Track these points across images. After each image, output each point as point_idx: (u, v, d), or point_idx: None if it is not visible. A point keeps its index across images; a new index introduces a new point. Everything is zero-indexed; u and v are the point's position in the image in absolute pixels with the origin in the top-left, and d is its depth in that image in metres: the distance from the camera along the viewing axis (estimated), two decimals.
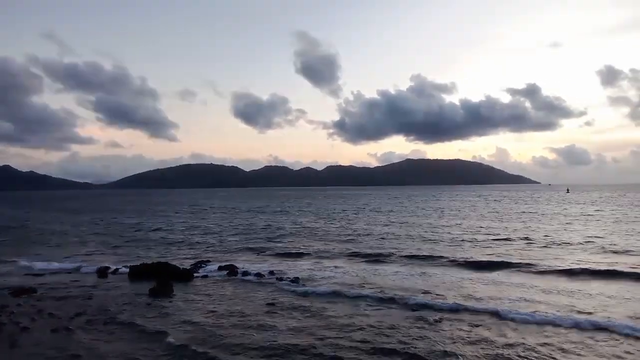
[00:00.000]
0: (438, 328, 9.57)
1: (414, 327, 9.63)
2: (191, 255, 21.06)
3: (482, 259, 17.71)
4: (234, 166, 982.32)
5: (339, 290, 13.01)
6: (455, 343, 8.63)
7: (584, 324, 9.49)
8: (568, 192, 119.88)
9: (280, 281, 14.58)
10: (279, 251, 21.66)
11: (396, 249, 21.04)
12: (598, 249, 20.03)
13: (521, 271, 15.65)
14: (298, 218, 43.25)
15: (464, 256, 18.56)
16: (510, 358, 7.88)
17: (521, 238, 24.21)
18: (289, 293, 13.05)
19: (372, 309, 11.17)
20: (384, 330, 9.47)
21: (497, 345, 8.49)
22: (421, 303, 11.43)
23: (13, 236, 30.53)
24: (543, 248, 20.77)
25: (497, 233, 26.98)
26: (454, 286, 13.45)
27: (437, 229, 29.95)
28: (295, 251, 21.46)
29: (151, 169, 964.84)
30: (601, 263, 16.60)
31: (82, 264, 18.35)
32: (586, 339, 8.73)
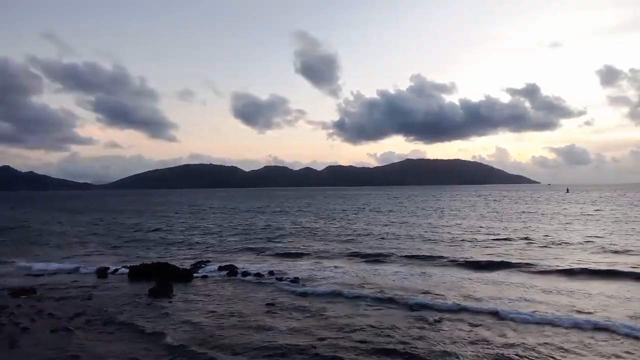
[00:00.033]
0: (438, 328, 9.57)
1: (414, 327, 9.63)
2: (191, 255, 21.03)
3: (482, 259, 17.69)
4: (234, 166, 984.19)
5: (339, 290, 13.00)
6: (455, 343, 8.63)
7: (584, 324, 9.48)
8: (568, 192, 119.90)
9: (280, 281, 14.57)
10: (279, 251, 21.62)
11: (396, 249, 21.02)
12: (598, 249, 20.02)
13: (521, 271, 15.64)
14: (298, 218, 43.22)
15: (464, 256, 18.55)
16: (510, 358, 7.88)
17: (521, 238, 24.20)
18: (289, 293, 13.04)
19: (372, 309, 11.17)
20: (384, 330, 9.46)
21: (497, 345, 8.48)
22: (421, 303, 11.43)
23: (12, 237, 30.46)
24: (543, 248, 20.76)
25: (497, 233, 26.97)
26: (454, 286, 13.44)
27: (437, 229, 29.94)
28: (295, 251, 21.42)
29: (150, 169, 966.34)
30: (601, 263, 16.60)
31: (82, 265, 18.31)
32: (586, 339, 8.73)
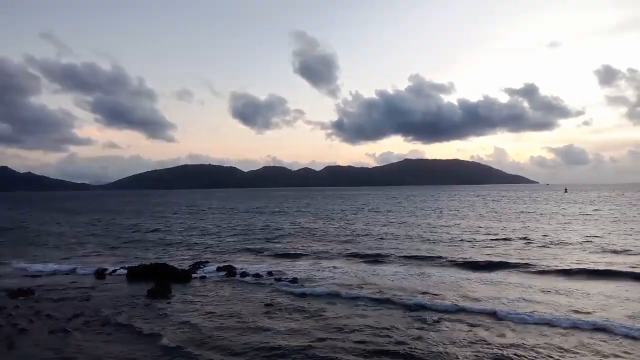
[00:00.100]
0: (437, 329, 9.57)
1: (413, 328, 9.63)
2: (189, 256, 21.01)
3: (481, 259, 17.70)
4: (232, 167, 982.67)
5: (338, 291, 12.99)
6: (453, 344, 8.63)
7: (583, 324, 9.50)
8: (566, 192, 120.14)
9: (278, 282, 14.55)
10: (278, 252, 21.60)
11: (395, 250, 21.02)
12: (596, 249, 20.04)
13: (520, 271, 15.65)
14: (296, 218, 43.21)
15: (463, 256, 18.55)
16: (509, 358, 7.88)
17: (520, 238, 24.22)
18: (287, 294, 13.02)
19: (371, 310, 11.17)
20: (383, 331, 9.46)
21: (496, 345, 8.49)
22: (420, 303, 11.43)
23: (10, 237, 30.40)
24: (541, 248, 20.78)
25: (496, 233, 26.99)
26: (453, 286, 13.44)
27: (436, 229, 29.95)
28: (293, 252, 21.40)
29: (149, 170, 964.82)
30: (599, 263, 16.63)
31: (80, 266, 18.28)
32: (585, 339, 8.74)
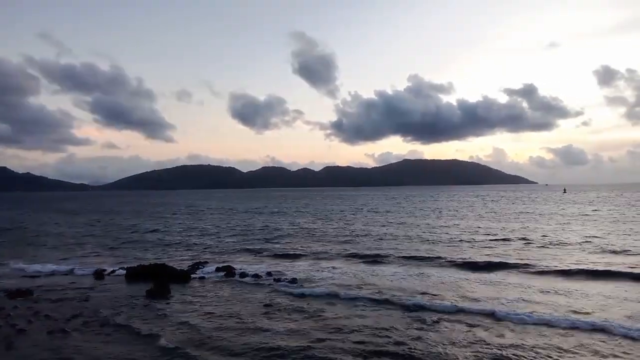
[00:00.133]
0: (436, 329, 9.57)
1: (412, 329, 9.62)
2: (188, 256, 20.98)
3: (480, 260, 17.69)
4: (231, 167, 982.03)
5: (337, 291, 12.97)
6: (453, 344, 8.62)
7: (582, 325, 9.49)
8: (565, 192, 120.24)
9: (277, 282, 14.54)
10: (277, 252, 21.58)
11: (394, 250, 21.02)
12: (596, 249, 20.05)
13: (519, 271, 15.65)
14: (296, 219, 43.19)
15: (462, 257, 18.55)
16: (508, 358, 7.88)
17: (519, 238, 24.23)
18: (287, 294, 13.00)
19: (370, 310, 11.16)
20: (382, 331, 9.45)
21: (495, 346, 8.48)
22: (419, 304, 11.42)
23: (9, 238, 30.36)
24: (541, 248, 20.79)
25: (495, 233, 26.99)
26: (452, 287, 13.44)
27: (435, 230, 29.95)
28: (292, 252, 21.39)
29: (148, 170, 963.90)
30: (599, 263, 16.63)
31: (79, 266, 18.25)
32: (584, 340, 8.73)
